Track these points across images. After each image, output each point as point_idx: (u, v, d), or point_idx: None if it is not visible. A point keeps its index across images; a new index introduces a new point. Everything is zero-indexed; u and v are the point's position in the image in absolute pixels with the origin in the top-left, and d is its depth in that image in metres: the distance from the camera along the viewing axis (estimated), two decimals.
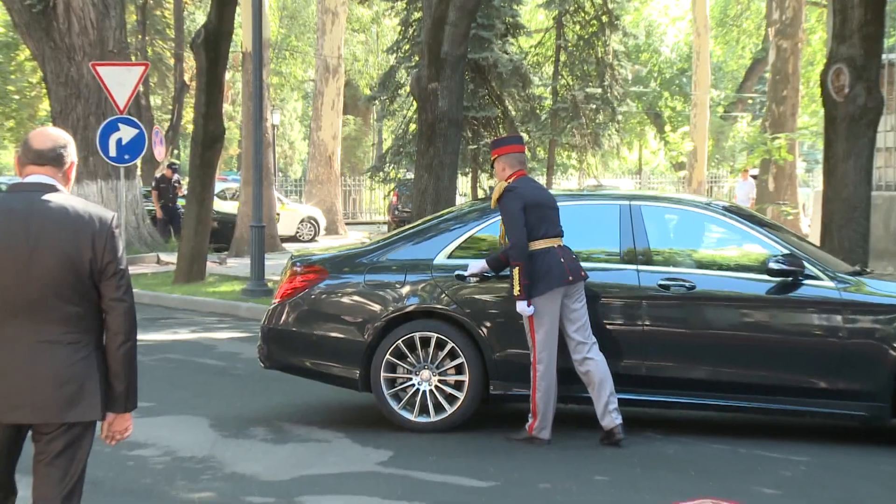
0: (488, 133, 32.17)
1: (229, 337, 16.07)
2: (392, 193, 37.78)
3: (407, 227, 10.58)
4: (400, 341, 9.85)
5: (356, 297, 9.98)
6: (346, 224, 45.16)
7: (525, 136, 32.47)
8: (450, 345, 9.82)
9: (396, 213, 36.13)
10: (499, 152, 9.73)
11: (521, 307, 9.27)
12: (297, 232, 37.78)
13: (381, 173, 34.35)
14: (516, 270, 9.26)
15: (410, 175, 34.43)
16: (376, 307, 9.93)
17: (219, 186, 33.85)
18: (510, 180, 9.59)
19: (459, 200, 33.37)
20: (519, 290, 9.26)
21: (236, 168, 63.67)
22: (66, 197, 5.05)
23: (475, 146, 31.73)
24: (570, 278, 9.33)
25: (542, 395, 9.40)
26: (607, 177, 54.21)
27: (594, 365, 9.38)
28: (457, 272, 9.80)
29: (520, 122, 32.68)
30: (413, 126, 31.88)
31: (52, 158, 5.09)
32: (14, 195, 5.01)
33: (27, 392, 4.89)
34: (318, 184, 41.71)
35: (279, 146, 62.66)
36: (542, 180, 45.37)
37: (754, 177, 35.97)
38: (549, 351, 9.35)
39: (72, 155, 5.17)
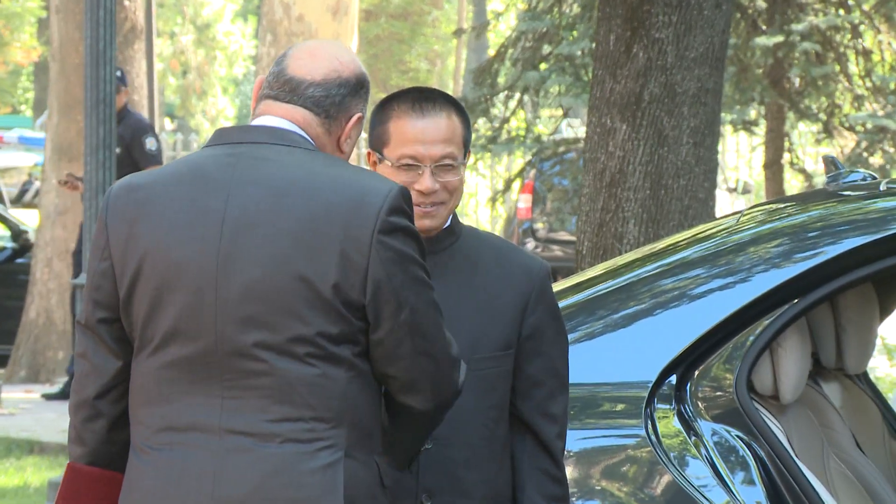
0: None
1: None
2: (520, 186, 16.27)
3: (578, 276, 4.47)
4: None
5: None
6: None
7: None
8: None
9: (533, 239, 17.19)
10: None
11: None
12: None
13: (481, 119, 13.93)
14: None
15: (574, 130, 16.03)
16: None
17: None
18: None
19: (726, 205, 16.61)
20: None
21: (30, 108, 30.64)
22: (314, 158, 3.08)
23: (781, 35, 12.99)
24: None
25: None
26: None
27: None
28: None
29: None
30: None
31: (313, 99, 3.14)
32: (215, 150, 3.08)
33: None
34: None
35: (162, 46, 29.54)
36: None
37: None
38: None
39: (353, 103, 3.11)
